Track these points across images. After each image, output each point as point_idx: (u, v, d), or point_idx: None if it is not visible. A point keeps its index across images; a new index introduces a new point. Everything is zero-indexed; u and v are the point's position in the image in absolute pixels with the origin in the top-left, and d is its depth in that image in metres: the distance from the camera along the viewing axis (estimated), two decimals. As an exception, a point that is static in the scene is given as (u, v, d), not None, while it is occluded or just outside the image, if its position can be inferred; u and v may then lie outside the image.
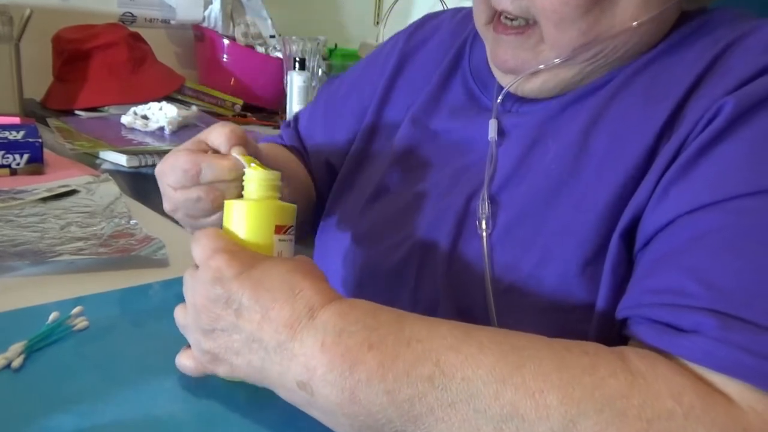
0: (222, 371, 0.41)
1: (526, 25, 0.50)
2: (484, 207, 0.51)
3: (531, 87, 0.53)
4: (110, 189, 0.86)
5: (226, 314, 0.39)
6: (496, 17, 0.52)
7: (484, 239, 0.50)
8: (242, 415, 0.41)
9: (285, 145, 0.74)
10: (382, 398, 0.35)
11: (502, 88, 0.56)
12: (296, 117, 0.78)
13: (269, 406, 0.42)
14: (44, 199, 0.80)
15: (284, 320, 0.37)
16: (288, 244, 0.44)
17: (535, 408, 0.33)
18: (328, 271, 0.61)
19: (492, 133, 0.54)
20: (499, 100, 0.55)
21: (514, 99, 0.56)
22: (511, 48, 0.52)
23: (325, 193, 0.70)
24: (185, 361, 0.43)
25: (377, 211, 0.60)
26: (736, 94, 0.41)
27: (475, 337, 0.37)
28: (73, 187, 0.84)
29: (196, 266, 0.42)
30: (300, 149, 0.74)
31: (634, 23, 0.48)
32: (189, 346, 0.43)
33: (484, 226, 0.50)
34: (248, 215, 0.43)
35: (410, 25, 0.71)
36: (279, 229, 0.43)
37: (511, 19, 0.51)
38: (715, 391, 0.34)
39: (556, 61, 0.50)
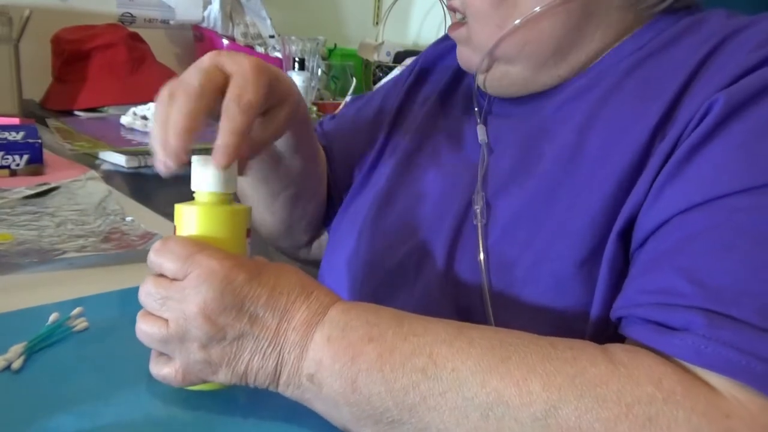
0: (220, 378, 0.40)
1: (464, 20, 0.53)
2: (478, 199, 0.52)
3: (492, 84, 0.55)
4: (98, 187, 0.86)
5: (236, 323, 0.38)
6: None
7: (480, 238, 0.50)
8: (242, 415, 0.41)
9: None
10: (380, 387, 0.37)
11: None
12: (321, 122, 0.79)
13: (269, 406, 0.42)
14: (27, 198, 0.79)
15: (302, 320, 0.39)
16: (250, 248, 0.44)
17: (519, 395, 0.35)
18: (334, 267, 0.62)
19: (481, 136, 0.56)
20: (476, 107, 0.57)
21: (502, 100, 0.57)
22: (458, 44, 0.56)
23: (337, 190, 0.71)
24: (165, 371, 0.40)
25: (383, 213, 0.60)
26: (726, 92, 0.41)
27: (467, 333, 0.39)
28: (53, 185, 0.84)
29: (155, 276, 0.40)
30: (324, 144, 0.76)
31: (537, 8, 0.49)
32: (161, 354, 0.41)
33: (479, 224, 0.51)
34: (227, 221, 0.42)
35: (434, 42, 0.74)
36: (248, 233, 0.44)
37: (461, 18, 0.54)
38: (699, 380, 0.35)
39: (482, 56, 0.52)
